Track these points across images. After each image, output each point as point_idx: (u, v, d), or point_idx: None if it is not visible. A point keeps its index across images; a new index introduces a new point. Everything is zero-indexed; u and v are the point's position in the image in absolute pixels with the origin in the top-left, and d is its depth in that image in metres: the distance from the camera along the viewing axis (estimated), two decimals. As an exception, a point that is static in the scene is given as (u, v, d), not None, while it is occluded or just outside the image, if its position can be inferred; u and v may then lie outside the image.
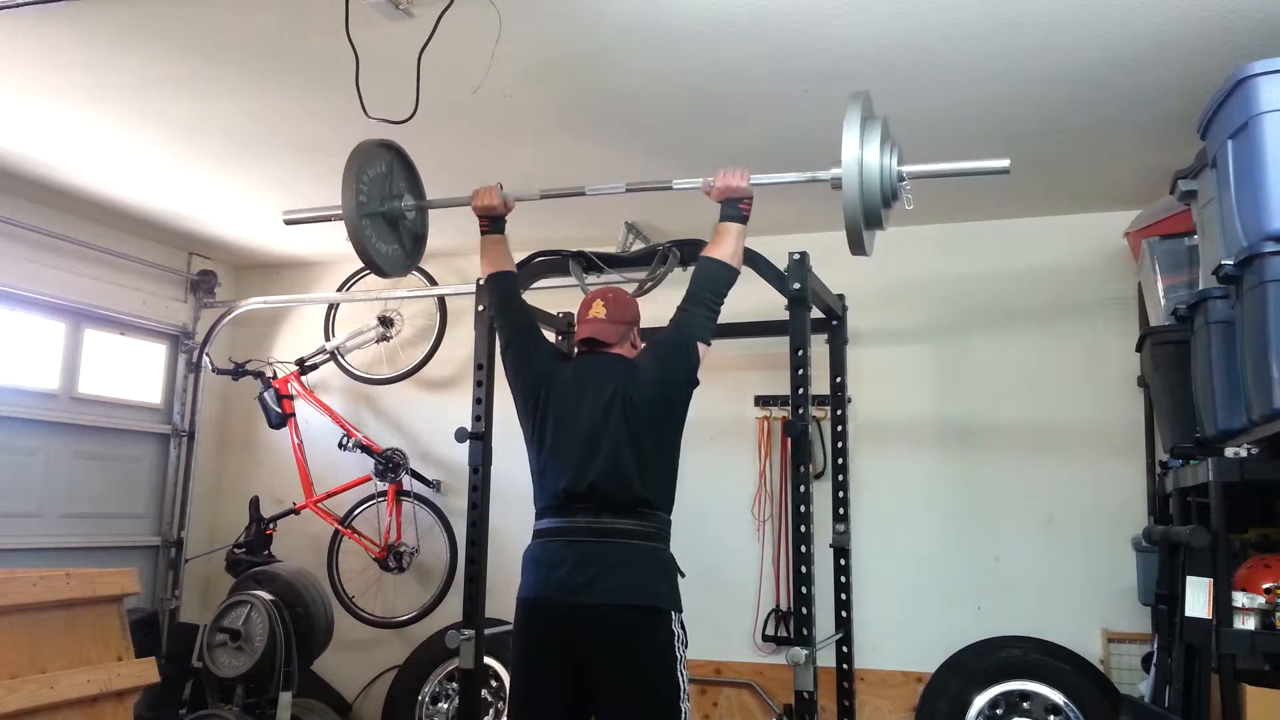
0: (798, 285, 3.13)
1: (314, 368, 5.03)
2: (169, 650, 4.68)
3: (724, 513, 4.53)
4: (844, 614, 3.84)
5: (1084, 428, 4.17)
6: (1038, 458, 4.22)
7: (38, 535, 4.50)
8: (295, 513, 4.91)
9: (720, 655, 4.45)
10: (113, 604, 2.99)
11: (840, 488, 4.02)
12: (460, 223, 4.55)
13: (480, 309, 3.42)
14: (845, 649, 3.85)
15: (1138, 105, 3.20)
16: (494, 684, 4.42)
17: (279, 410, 4.90)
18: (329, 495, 4.90)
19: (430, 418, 5.05)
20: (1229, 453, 2.54)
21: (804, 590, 3.03)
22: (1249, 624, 2.45)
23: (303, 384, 5.03)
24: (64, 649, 2.77)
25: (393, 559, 4.74)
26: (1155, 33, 2.73)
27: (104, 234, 4.81)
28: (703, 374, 2.74)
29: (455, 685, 4.42)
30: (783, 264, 3.16)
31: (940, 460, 4.35)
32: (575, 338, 2.88)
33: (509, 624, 2.79)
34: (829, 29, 2.76)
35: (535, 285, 3.62)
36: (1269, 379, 2.21)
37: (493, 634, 3.44)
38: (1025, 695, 3.89)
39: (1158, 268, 3.39)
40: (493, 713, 4.38)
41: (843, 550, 3.91)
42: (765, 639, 4.41)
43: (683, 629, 2.63)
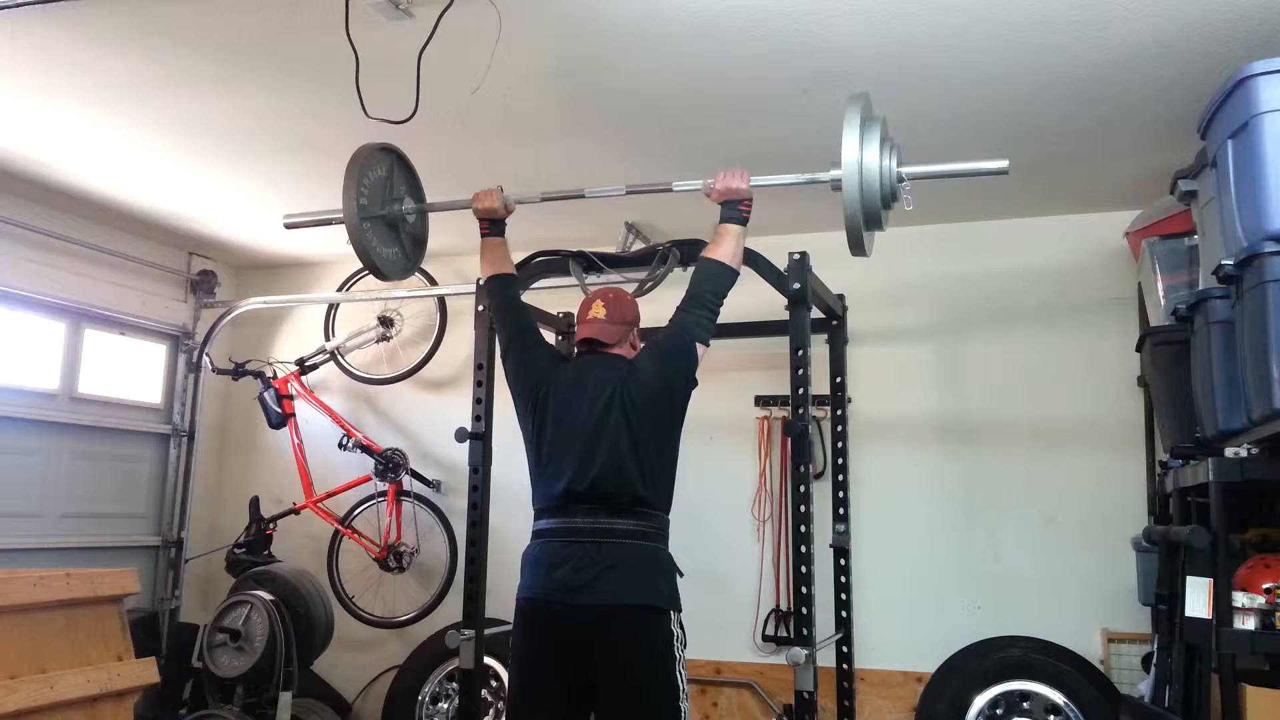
0: (798, 285, 3.13)
1: (314, 368, 5.03)
2: (169, 650, 4.69)
3: (724, 513, 4.53)
4: (844, 614, 3.85)
5: (1084, 428, 4.17)
6: (1038, 458, 4.22)
7: (38, 535, 4.50)
8: (295, 513, 4.91)
9: (720, 655, 4.45)
10: (113, 604, 2.99)
11: (840, 488, 4.03)
12: (460, 223, 4.55)
13: (480, 309, 3.43)
14: (845, 649, 3.86)
15: (1138, 105, 3.20)
16: (494, 684, 4.42)
17: (279, 410, 4.90)
18: (329, 495, 4.90)
19: (430, 418, 5.05)
20: (1229, 453, 2.54)
21: (804, 590, 3.03)
22: (1249, 624, 2.45)
23: (303, 384, 5.03)
24: (64, 649, 2.77)
25: (393, 559, 4.74)
26: (1155, 33, 2.73)
27: (104, 234, 4.81)
28: (702, 374, 2.74)
29: (455, 685, 4.41)
30: (783, 264, 3.17)
31: (940, 460, 4.35)
32: (575, 338, 2.88)
33: (509, 624, 2.80)
34: (829, 29, 2.75)
35: (535, 285, 3.62)
36: (1269, 379, 2.21)
37: (493, 634, 3.45)
38: (1025, 695, 3.89)
39: (1158, 268, 3.39)
40: (493, 713, 4.38)
41: (843, 550, 3.91)
42: (765, 639, 4.41)
43: (681, 629, 2.63)
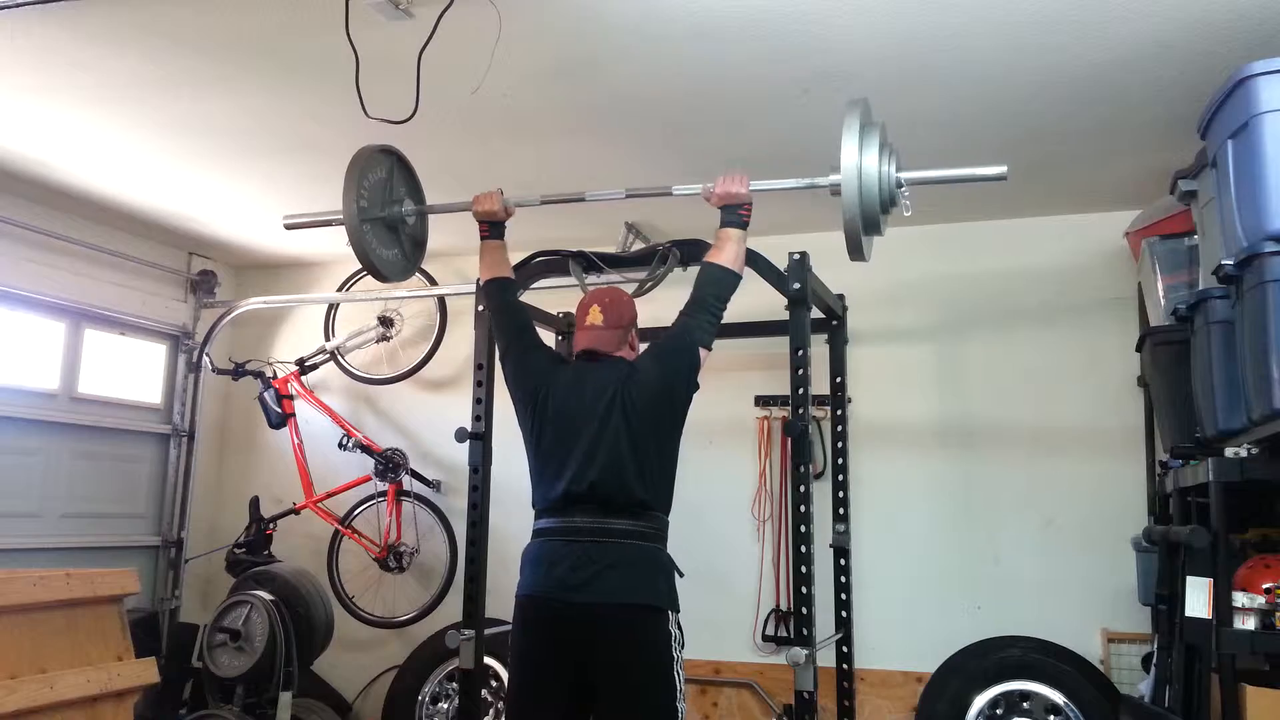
0: (798, 285, 3.13)
1: (314, 368, 5.03)
2: (169, 650, 4.69)
3: (724, 513, 4.53)
4: (844, 614, 3.85)
5: (1084, 428, 4.17)
6: (1038, 458, 4.21)
7: (38, 535, 4.50)
8: (295, 513, 4.91)
9: (720, 655, 4.45)
10: (113, 604, 2.99)
11: (840, 488, 4.02)
12: (460, 223, 4.55)
13: (480, 309, 3.43)
14: (845, 649, 3.86)
15: (1138, 105, 3.20)
16: (494, 684, 4.42)
17: (279, 410, 4.90)
18: (329, 495, 4.90)
19: (430, 418, 5.05)
20: (1229, 453, 2.54)
21: (804, 590, 3.03)
22: (1249, 624, 2.45)
23: (303, 384, 5.03)
24: (64, 649, 2.77)
25: (393, 559, 4.74)
26: (1155, 33, 2.73)
27: (104, 234, 4.81)
28: (703, 374, 2.75)
29: (455, 685, 4.41)
30: (783, 264, 3.16)
31: (940, 460, 4.35)
32: (574, 346, 2.87)
33: (509, 624, 2.80)
34: (829, 29, 2.75)
35: (535, 285, 3.62)
36: (1269, 379, 2.22)
37: (493, 634, 3.44)
38: (1025, 695, 3.89)
39: (1158, 268, 3.38)
40: (493, 713, 4.38)
41: (843, 550, 3.91)
42: (765, 639, 4.41)
43: (679, 629, 2.63)
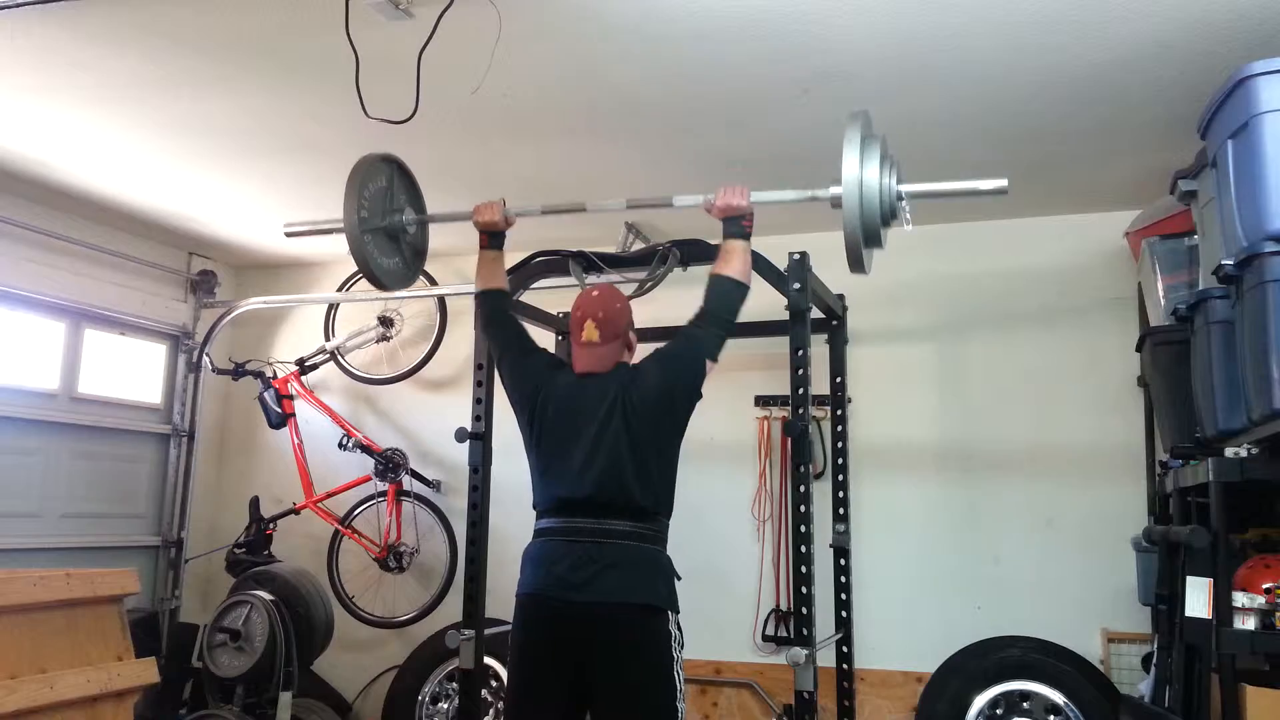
0: (798, 285, 3.13)
1: (314, 368, 5.03)
2: (169, 650, 4.69)
3: (724, 513, 4.53)
4: (844, 614, 3.85)
5: (1084, 427, 4.16)
6: (1038, 458, 4.21)
7: (38, 535, 4.50)
8: (295, 513, 4.91)
9: (720, 655, 4.45)
10: (113, 604, 2.99)
11: (840, 488, 4.02)
12: (461, 223, 4.56)
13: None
14: (845, 649, 3.86)
15: (1138, 105, 3.20)
16: (494, 684, 4.42)
17: (279, 410, 4.90)
18: (329, 495, 4.90)
19: (430, 418, 5.05)
20: (1229, 453, 2.54)
21: (804, 590, 3.03)
22: (1249, 624, 2.45)
23: (303, 384, 5.03)
24: (64, 649, 2.77)
25: (393, 559, 4.74)
26: (1155, 33, 2.73)
27: (104, 234, 4.81)
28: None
29: (455, 685, 4.41)
30: (783, 264, 3.17)
31: (940, 460, 4.35)
32: (573, 363, 2.81)
33: (509, 624, 2.80)
34: (829, 29, 2.75)
35: (535, 285, 3.62)
36: (1269, 379, 2.22)
37: (493, 634, 3.44)
38: (1025, 695, 3.89)
39: (1158, 268, 3.38)
40: (493, 713, 4.38)
41: (843, 550, 3.91)
42: (765, 639, 4.41)
43: (679, 629, 2.64)
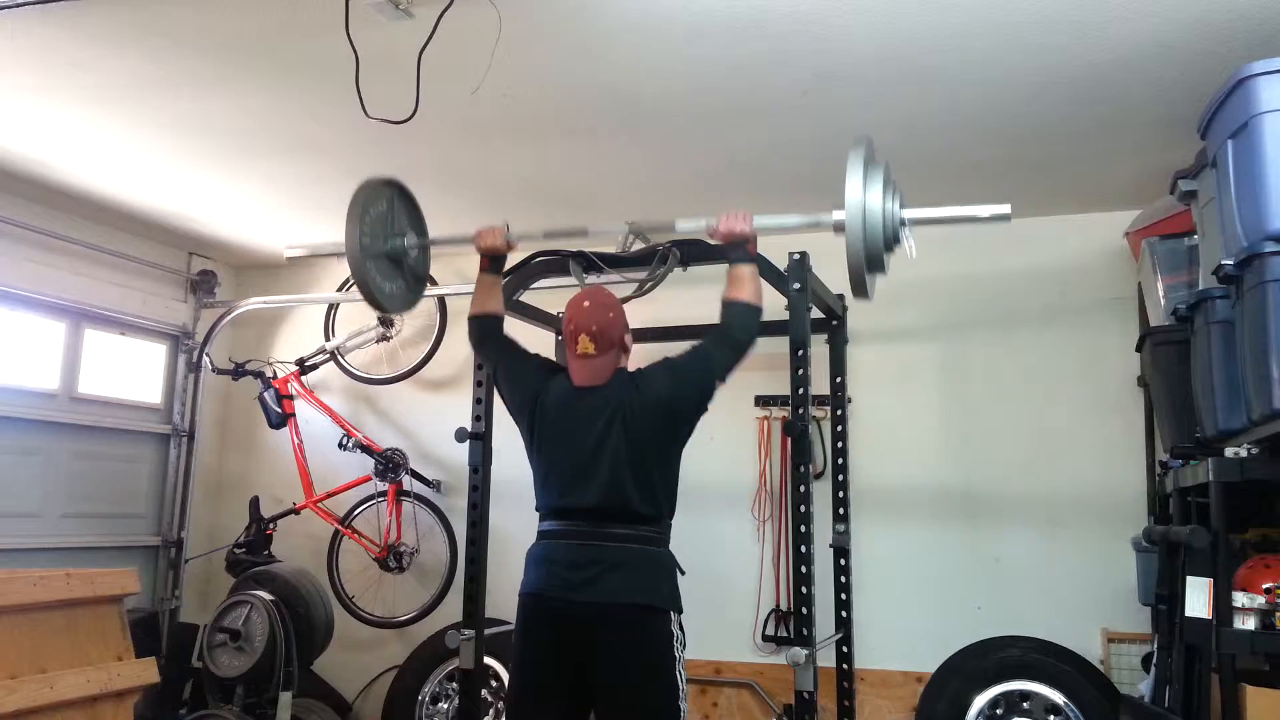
0: (798, 285, 3.13)
1: (314, 368, 5.03)
2: (169, 650, 4.69)
3: (724, 513, 4.52)
4: (844, 614, 3.85)
5: (1084, 428, 4.16)
6: (1038, 457, 4.21)
7: (38, 535, 4.50)
8: (295, 513, 4.91)
9: (720, 655, 4.45)
10: (113, 604, 2.99)
11: (840, 488, 4.02)
12: (462, 222, 4.55)
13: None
14: (845, 649, 3.86)
15: (1138, 105, 3.20)
16: (494, 684, 4.42)
17: (279, 410, 4.90)
18: (329, 495, 4.90)
19: (430, 418, 5.05)
20: (1229, 453, 2.54)
21: (804, 590, 3.03)
22: (1249, 624, 2.45)
23: (303, 384, 5.03)
24: (64, 649, 2.77)
25: (393, 559, 4.74)
26: (1155, 33, 2.73)
27: (104, 234, 4.81)
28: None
29: (455, 685, 4.41)
30: (783, 264, 3.16)
31: (940, 459, 4.35)
32: (571, 376, 2.79)
33: (509, 624, 2.80)
34: (829, 29, 2.75)
35: (535, 285, 3.62)
36: (1269, 379, 2.22)
37: (493, 634, 3.44)
38: (1025, 695, 3.89)
39: (1158, 268, 3.38)
40: (493, 713, 4.38)
41: (843, 550, 3.91)
42: (765, 639, 4.41)
43: (681, 630, 2.65)
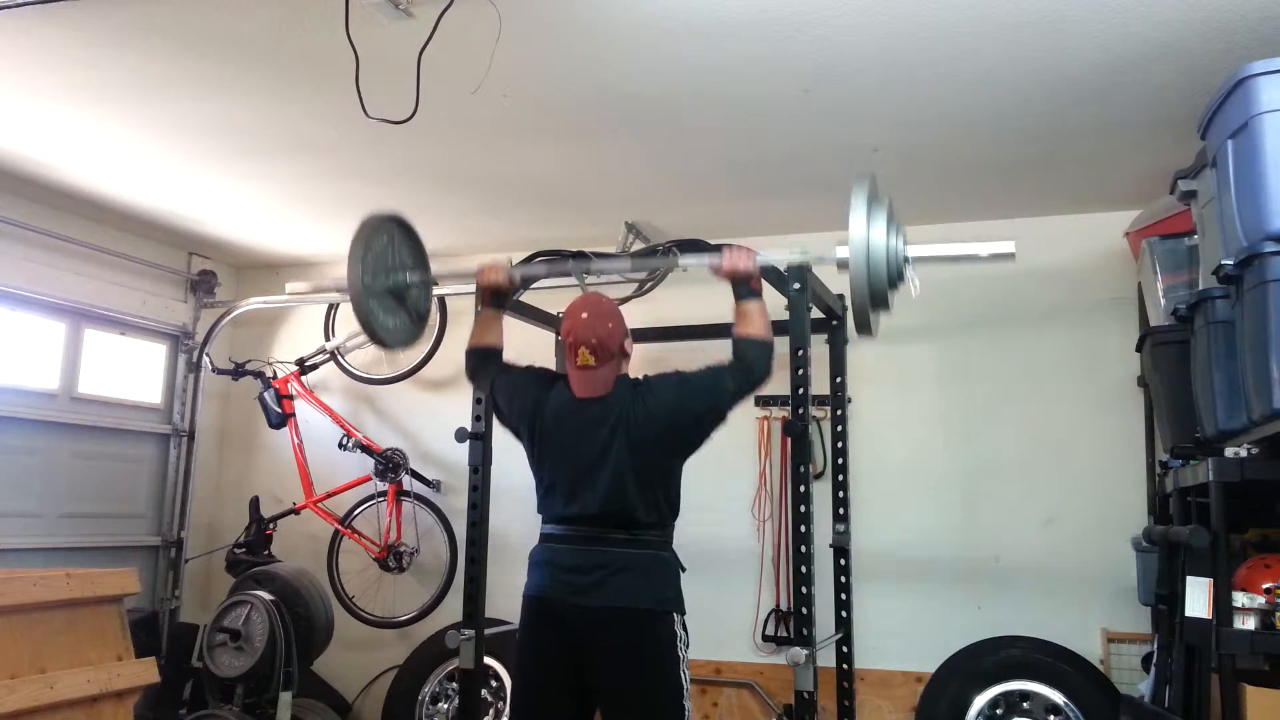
0: (798, 285, 3.13)
1: (314, 368, 5.03)
2: (169, 650, 4.68)
3: (724, 513, 4.52)
4: (844, 614, 3.85)
5: (1084, 428, 4.17)
6: (1038, 457, 4.21)
7: (38, 535, 4.50)
8: (295, 513, 4.91)
9: (720, 655, 4.45)
10: (113, 604, 2.99)
11: (840, 488, 4.02)
12: (463, 222, 4.56)
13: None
14: (845, 649, 3.86)
15: (1138, 105, 3.20)
16: (494, 684, 4.42)
17: (279, 410, 4.90)
18: (329, 495, 4.90)
19: (430, 418, 5.04)
20: (1229, 453, 2.54)
21: (804, 590, 3.03)
22: (1249, 624, 2.45)
23: (303, 384, 5.03)
24: (64, 649, 2.77)
25: (393, 559, 4.74)
26: (1155, 33, 2.73)
27: (104, 234, 4.80)
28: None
29: (455, 685, 4.41)
30: (783, 264, 3.16)
31: (940, 460, 4.35)
32: (572, 387, 2.78)
33: (509, 624, 2.80)
34: (829, 29, 2.75)
35: (535, 285, 3.62)
36: (1269, 379, 2.21)
37: (493, 634, 3.44)
38: (1025, 695, 3.89)
39: (1158, 268, 3.38)
40: (493, 713, 4.38)
41: (843, 550, 3.91)
42: (765, 639, 4.41)
43: (685, 630, 2.66)
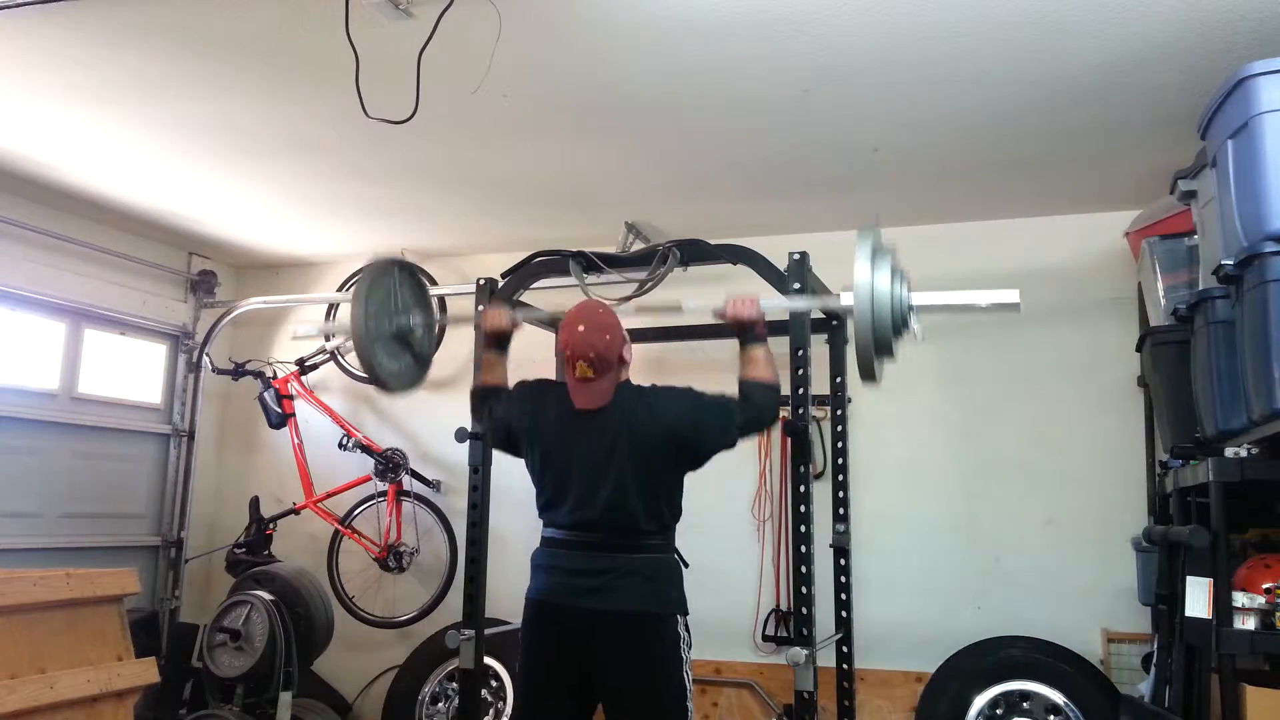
0: (798, 285, 3.13)
1: (314, 368, 5.03)
2: (169, 650, 4.68)
3: (724, 513, 4.52)
4: (844, 614, 3.84)
5: (1084, 428, 4.17)
6: (1038, 457, 4.22)
7: (38, 535, 4.50)
8: (295, 513, 4.91)
9: (720, 655, 4.45)
10: (113, 604, 2.99)
11: (840, 488, 4.01)
12: (463, 222, 4.57)
13: (480, 308, 3.45)
14: (845, 649, 3.85)
15: (1138, 105, 3.20)
16: (494, 684, 4.42)
17: (279, 410, 4.91)
18: (329, 495, 4.90)
19: (430, 418, 5.04)
20: (1229, 453, 2.54)
21: (804, 590, 3.03)
22: (1249, 624, 2.45)
23: (303, 384, 5.03)
24: (64, 649, 2.77)
25: (393, 559, 4.74)
26: (1155, 33, 2.73)
27: (104, 234, 4.81)
28: (704, 373, 2.75)
29: (455, 685, 4.41)
30: (783, 264, 3.16)
31: (940, 460, 4.35)
32: (572, 398, 2.73)
33: (509, 624, 2.80)
34: (829, 29, 2.75)
35: (535, 285, 3.62)
36: (1269, 379, 2.21)
37: (493, 634, 3.44)
38: (1025, 695, 3.89)
39: (1158, 268, 3.38)
40: (493, 713, 4.38)
41: (843, 550, 3.90)
42: (765, 639, 4.41)
43: (687, 631, 2.67)
